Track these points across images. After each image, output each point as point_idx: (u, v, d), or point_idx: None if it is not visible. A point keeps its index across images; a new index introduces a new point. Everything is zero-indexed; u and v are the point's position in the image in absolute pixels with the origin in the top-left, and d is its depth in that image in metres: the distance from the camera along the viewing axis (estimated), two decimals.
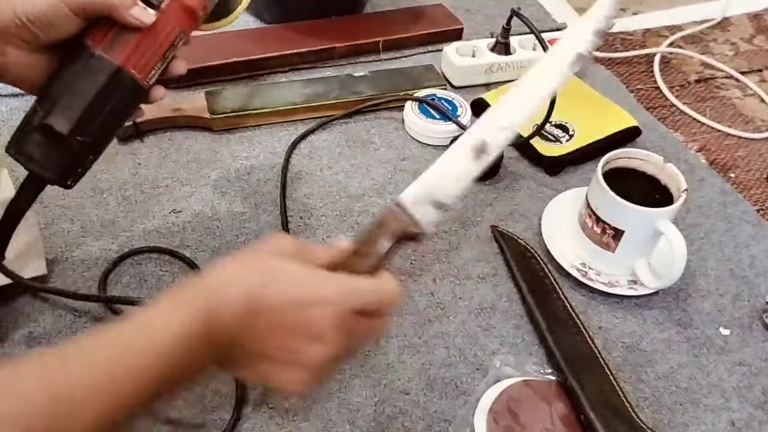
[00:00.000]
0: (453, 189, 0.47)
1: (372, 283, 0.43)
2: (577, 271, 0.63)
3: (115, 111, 0.49)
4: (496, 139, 0.48)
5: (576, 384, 0.53)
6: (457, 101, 0.79)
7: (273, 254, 0.42)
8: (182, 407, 0.52)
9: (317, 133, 0.77)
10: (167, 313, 0.38)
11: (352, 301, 0.41)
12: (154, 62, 0.49)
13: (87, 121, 0.47)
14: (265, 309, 0.39)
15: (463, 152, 0.48)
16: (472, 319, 0.60)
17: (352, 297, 0.41)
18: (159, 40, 0.49)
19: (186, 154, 0.73)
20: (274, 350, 0.40)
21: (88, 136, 0.48)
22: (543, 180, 0.74)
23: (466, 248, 0.66)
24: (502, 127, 0.48)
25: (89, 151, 0.50)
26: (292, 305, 0.39)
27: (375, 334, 0.45)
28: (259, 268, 0.40)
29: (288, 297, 0.39)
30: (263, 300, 0.39)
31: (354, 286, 0.42)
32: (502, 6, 1.00)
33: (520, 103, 0.49)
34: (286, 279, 0.40)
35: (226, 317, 0.38)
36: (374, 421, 0.52)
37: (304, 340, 0.40)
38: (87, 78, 0.47)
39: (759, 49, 0.98)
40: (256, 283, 0.39)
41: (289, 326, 0.39)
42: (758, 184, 0.76)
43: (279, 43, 0.86)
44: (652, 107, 0.86)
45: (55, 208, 0.65)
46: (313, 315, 0.40)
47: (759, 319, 0.62)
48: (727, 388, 0.57)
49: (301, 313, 0.39)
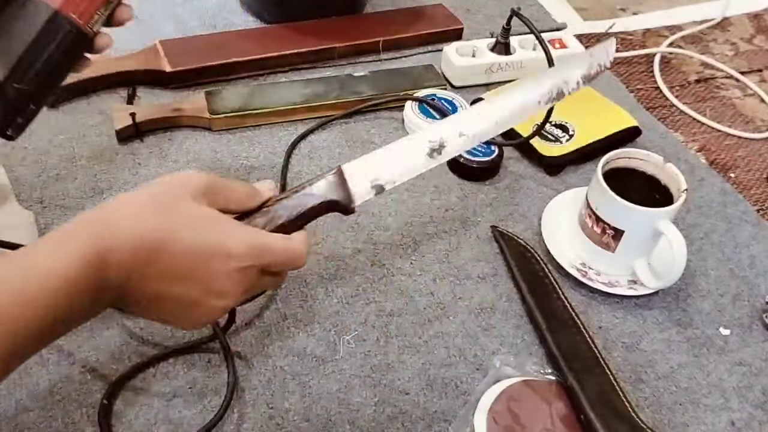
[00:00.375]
0: (397, 177, 0.47)
1: (282, 243, 0.42)
2: (577, 271, 0.63)
3: (55, 58, 0.48)
4: (454, 144, 0.48)
5: (576, 384, 0.53)
6: (457, 101, 0.79)
7: (179, 192, 0.39)
8: (182, 407, 0.52)
9: (317, 133, 0.77)
10: (53, 257, 0.35)
11: (257, 259, 0.40)
12: (96, 6, 0.48)
13: (24, 68, 0.46)
14: (163, 256, 0.37)
15: (420, 146, 0.48)
16: (472, 319, 0.60)
17: (259, 255, 0.40)
18: None
19: (186, 154, 0.73)
20: (171, 297, 0.39)
21: (26, 83, 0.47)
22: (543, 180, 0.74)
23: (466, 248, 0.66)
24: (464, 135, 0.48)
25: (29, 99, 0.48)
26: (193, 255, 0.38)
27: (275, 286, 0.46)
28: (161, 209, 0.38)
29: (189, 246, 0.38)
30: (161, 246, 0.37)
31: (262, 243, 0.41)
32: (502, 6, 1.00)
33: (490, 118, 0.49)
34: (189, 224, 0.38)
35: (117, 260, 0.36)
36: (374, 421, 0.52)
37: (203, 293, 0.39)
38: (22, 23, 0.46)
39: (759, 49, 0.98)
40: (154, 226, 0.37)
41: (189, 277, 0.38)
42: (758, 184, 0.76)
43: (279, 43, 0.85)
44: (652, 107, 0.86)
45: (55, 208, 0.65)
46: (216, 269, 0.38)
47: (759, 319, 0.62)
48: (727, 388, 0.57)
49: (203, 265, 0.38)
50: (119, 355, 0.55)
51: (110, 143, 0.73)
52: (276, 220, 0.44)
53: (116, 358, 0.54)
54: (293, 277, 0.61)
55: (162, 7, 0.94)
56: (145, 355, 0.55)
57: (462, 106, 0.78)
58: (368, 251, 0.65)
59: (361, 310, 0.60)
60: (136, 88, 0.80)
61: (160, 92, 0.80)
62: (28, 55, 0.46)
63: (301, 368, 0.55)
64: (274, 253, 0.41)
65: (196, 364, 0.55)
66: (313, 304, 0.60)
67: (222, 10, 0.94)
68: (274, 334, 0.57)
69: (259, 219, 0.44)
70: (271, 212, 0.44)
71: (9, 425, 0.50)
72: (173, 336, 0.56)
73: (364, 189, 0.47)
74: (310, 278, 0.62)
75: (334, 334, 0.58)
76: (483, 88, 0.84)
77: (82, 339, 0.55)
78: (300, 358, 0.56)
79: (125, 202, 0.38)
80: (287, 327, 0.58)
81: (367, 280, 0.62)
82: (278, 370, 0.55)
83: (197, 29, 0.90)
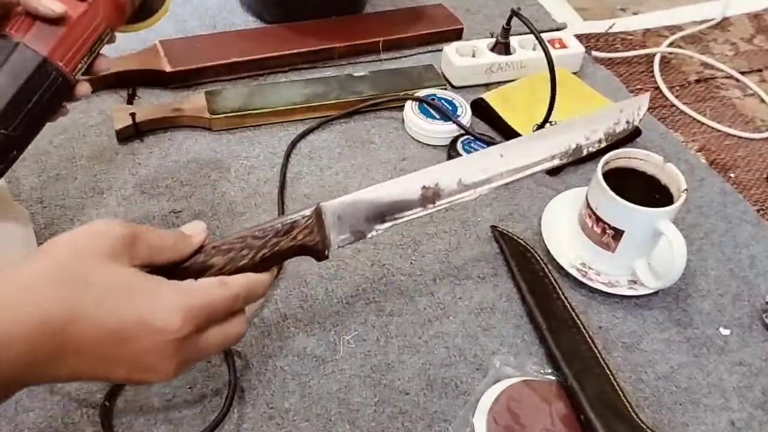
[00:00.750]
0: (383, 225, 0.43)
1: (219, 292, 0.37)
2: (577, 271, 0.63)
3: (41, 105, 0.47)
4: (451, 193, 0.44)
5: (576, 384, 0.53)
6: (457, 101, 0.79)
7: (88, 254, 0.33)
8: (182, 407, 0.52)
9: (317, 133, 0.77)
10: None
11: (193, 323, 0.34)
12: (81, 55, 0.48)
13: (11, 114, 0.46)
14: (72, 342, 0.31)
15: (412, 190, 0.44)
16: (472, 319, 0.60)
17: (194, 317, 0.34)
18: (86, 33, 0.48)
19: (186, 154, 0.73)
20: (92, 377, 0.34)
21: (12, 129, 0.46)
22: (543, 180, 0.74)
23: (466, 248, 0.66)
24: (463, 184, 0.44)
25: (13, 145, 0.48)
26: (112, 336, 0.32)
27: (236, 336, 0.39)
28: (66, 280, 0.31)
29: (106, 326, 0.32)
30: (69, 330, 0.31)
31: (196, 304, 0.35)
32: (502, 6, 1.00)
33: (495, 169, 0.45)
34: (103, 297, 0.32)
35: (10, 353, 0.29)
36: (374, 421, 0.52)
37: (131, 372, 0.34)
38: (11, 69, 0.45)
39: (759, 49, 0.98)
40: (57, 304, 0.31)
41: (110, 360, 0.33)
42: (758, 184, 0.76)
43: (279, 43, 0.86)
44: (652, 107, 0.86)
45: (55, 208, 0.65)
46: (143, 348, 0.33)
47: (759, 319, 0.62)
48: (727, 388, 0.57)
49: (127, 345, 0.32)
50: None
51: (110, 143, 0.73)
52: (236, 261, 0.40)
53: None
54: (293, 277, 0.61)
55: None
56: None
57: (462, 106, 0.78)
58: (368, 251, 0.65)
59: (361, 310, 0.60)
60: (136, 88, 0.80)
61: (160, 92, 0.80)
62: (15, 102, 0.46)
63: (301, 368, 0.55)
64: (214, 303, 0.36)
65: (196, 364, 0.55)
66: (313, 304, 0.60)
67: (222, 10, 0.95)
68: (274, 334, 0.57)
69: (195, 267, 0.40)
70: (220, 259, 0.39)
71: (9, 425, 0.50)
72: None
73: (344, 235, 0.43)
74: (310, 278, 0.62)
75: (334, 334, 0.58)
76: (483, 88, 0.84)
77: None
78: (300, 358, 0.56)
79: (19, 274, 0.31)
80: (287, 327, 0.58)
81: (367, 280, 0.62)
82: (278, 370, 0.55)
83: (197, 29, 0.90)
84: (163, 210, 0.67)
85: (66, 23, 0.46)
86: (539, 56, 0.75)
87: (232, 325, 0.39)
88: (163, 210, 0.66)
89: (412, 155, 0.75)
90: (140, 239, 0.36)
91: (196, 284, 0.37)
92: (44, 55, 0.46)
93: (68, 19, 0.46)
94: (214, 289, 0.37)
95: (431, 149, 0.76)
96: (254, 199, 0.69)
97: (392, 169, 0.73)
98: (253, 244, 0.41)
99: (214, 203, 0.68)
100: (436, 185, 0.44)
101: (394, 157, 0.75)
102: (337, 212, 0.42)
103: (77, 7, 0.46)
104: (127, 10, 0.51)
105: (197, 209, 0.67)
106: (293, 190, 0.70)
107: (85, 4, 0.47)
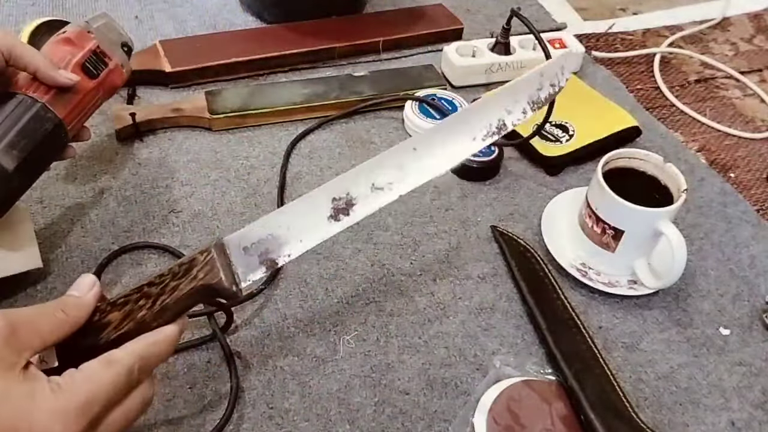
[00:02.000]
0: (294, 248, 0.39)
1: (110, 371, 0.34)
2: (577, 271, 0.63)
3: (48, 158, 0.55)
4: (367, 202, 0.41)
5: (576, 384, 0.53)
6: (457, 101, 0.79)
7: None
8: (182, 407, 0.52)
9: (317, 133, 0.77)
10: None
11: (75, 424, 0.32)
12: (82, 122, 0.57)
13: (29, 162, 0.51)
14: None
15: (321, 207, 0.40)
16: (472, 319, 0.60)
17: (75, 420, 0.32)
18: (90, 104, 0.57)
19: (186, 154, 0.73)
20: None
21: (27, 176, 0.53)
22: (543, 180, 0.74)
23: (466, 248, 0.66)
24: (378, 189, 0.41)
25: (22, 189, 0.54)
26: None
27: (139, 410, 0.36)
28: None
29: None
30: None
31: (74, 403, 0.32)
32: (502, 6, 1.00)
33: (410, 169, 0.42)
34: None
35: None
36: (374, 421, 0.52)
37: None
38: (35, 123, 0.52)
39: (759, 49, 0.98)
40: None
41: None
42: (758, 184, 0.76)
43: (279, 43, 0.86)
44: (652, 107, 0.86)
45: (55, 208, 0.65)
46: None
47: (759, 319, 0.62)
48: (727, 388, 0.57)
49: None
50: None
51: (110, 143, 0.73)
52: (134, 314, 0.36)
53: None
54: (293, 277, 0.62)
55: (162, 7, 0.94)
56: None
57: (462, 106, 0.78)
58: (368, 251, 0.65)
59: (361, 310, 0.60)
60: (136, 88, 0.80)
61: (160, 92, 0.80)
62: (34, 153, 0.52)
63: (301, 368, 0.55)
64: (99, 396, 0.33)
65: (196, 365, 0.55)
66: (313, 304, 0.60)
67: (222, 10, 0.95)
68: (274, 334, 0.57)
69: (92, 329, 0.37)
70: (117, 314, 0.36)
71: None
72: None
73: (253, 267, 0.39)
74: (310, 278, 0.62)
75: (334, 334, 0.58)
76: (483, 88, 0.84)
77: None
78: (300, 358, 0.56)
79: None
80: (287, 327, 0.58)
81: (367, 280, 0.62)
82: (278, 370, 0.55)
83: (197, 29, 0.90)
84: (163, 210, 0.67)
85: (78, 92, 0.55)
86: (539, 56, 0.75)
87: (134, 399, 0.36)
88: (163, 210, 0.67)
89: None
90: (21, 328, 0.33)
91: (78, 375, 0.34)
92: (60, 117, 0.53)
93: (80, 89, 0.55)
94: (99, 374, 0.34)
95: None
96: (254, 199, 0.69)
97: None
98: (150, 292, 0.37)
99: (214, 203, 0.68)
100: (347, 194, 0.41)
101: None
102: (241, 244, 0.39)
103: (88, 81, 0.56)
104: (118, 89, 0.61)
105: (197, 209, 0.67)
106: (293, 190, 0.70)
107: (95, 81, 0.57)
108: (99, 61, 0.57)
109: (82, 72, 0.55)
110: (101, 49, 0.58)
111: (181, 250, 0.62)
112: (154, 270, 0.61)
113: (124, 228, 0.64)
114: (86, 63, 0.56)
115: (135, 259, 0.62)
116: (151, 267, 0.61)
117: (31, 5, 0.93)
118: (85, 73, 0.56)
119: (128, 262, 0.62)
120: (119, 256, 0.62)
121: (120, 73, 0.60)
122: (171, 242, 0.63)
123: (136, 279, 0.60)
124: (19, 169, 0.50)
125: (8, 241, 0.56)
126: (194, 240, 0.64)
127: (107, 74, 0.58)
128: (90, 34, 0.57)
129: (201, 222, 0.66)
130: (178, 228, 0.65)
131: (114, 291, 0.59)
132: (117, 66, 0.59)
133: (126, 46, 0.61)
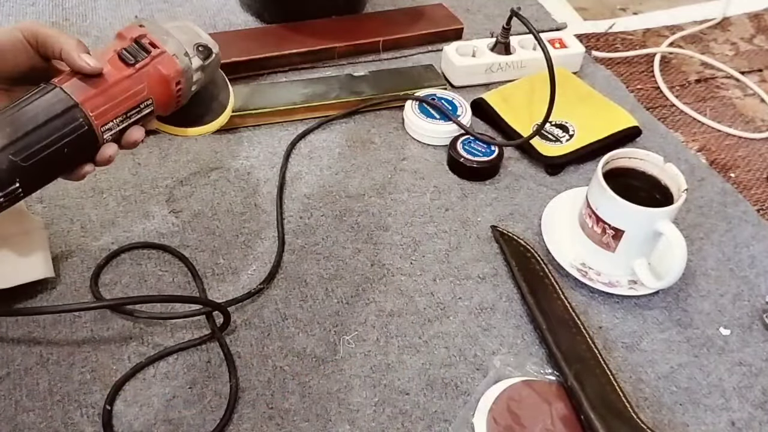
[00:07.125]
0: None
1: None
2: (577, 271, 0.63)
3: (60, 147, 0.48)
4: None
5: (576, 384, 0.53)
6: (457, 101, 0.79)
7: None
8: (182, 407, 0.52)
9: (317, 132, 0.77)
10: None
11: None
12: (115, 114, 0.51)
13: (26, 143, 0.47)
14: None
15: None
16: (472, 319, 0.60)
17: None
18: (125, 95, 0.51)
19: (186, 154, 0.73)
20: None
21: (23, 159, 0.47)
22: (543, 180, 0.74)
23: (466, 248, 0.66)
24: None
25: (17, 174, 0.47)
26: None
27: None
28: None
29: None
30: None
31: None
32: (502, 6, 1.00)
33: None
34: None
35: None
36: (374, 421, 0.52)
37: None
38: (41, 104, 0.48)
39: (759, 49, 0.98)
40: None
41: None
42: (758, 184, 0.76)
43: (279, 43, 0.86)
44: (652, 107, 0.86)
45: (55, 208, 0.65)
46: None
47: (759, 319, 0.62)
48: (727, 388, 0.57)
49: None
50: (119, 355, 0.55)
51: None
52: None
53: (116, 358, 0.54)
54: (293, 277, 0.61)
55: (162, 7, 0.94)
56: (145, 355, 0.55)
57: (462, 106, 0.78)
58: (368, 251, 0.65)
59: (361, 310, 0.60)
60: None
61: None
62: (34, 134, 0.47)
63: (301, 368, 0.55)
64: None
65: (196, 365, 0.55)
66: (313, 304, 0.60)
67: (222, 9, 0.95)
68: (274, 334, 0.57)
69: None
70: None
71: (9, 425, 0.50)
72: (173, 336, 0.56)
73: None
74: (310, 278, 0.62)
75: (334, 334, 0.58)
76: (483, 88, 0.84)
77: (82, 339, 0.55)
78: (300, 358, 0.56)
79: None
80: (287, 327, 0.58)
81: (367, 280, 0.62)
82: (278, 370, 0.55)
83: None
84: (163, 210, 0.67)
85: (106, 80, 0.50)
86: (539, 56, 0.75)
87: None
88: (162, 210, 0.67)
89: (412, 155, 0.75)
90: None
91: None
92: (76, 101, 0.48)
93: (110, 77, 0.50)
94: None
95: (431, 149, 0.76)
96: (254, 199, 0.69)
97: (392, 169, 0.73)
98: None
99: (214, 203, 0.68)
100: None
101: (394, 157, 0.75)
102: None
103: (123, 69, 0.50)
104: (172, 90, 0.54)
105: (197, 209, 0.67)
106: (293, 190, 0.70)
107: (132, 68, 0.51)
108: (140, 50, 0.52)
109: (119, 60, 0.51)
110: (149, 39, 0.53)
111: (181, 250, 0.62)
112: (154, 270, 0.61)
113: (124, 228, 0.64)
114: (125, 50, 0.51)
115: (135, 259, 0.62)
116: (151, 267, 0.61)
117: (31, 5, 0.93)
118: (122, 61, 0.51)
119: (128, 262, 0.62)
120: (119, 255, 0.62)
121: (170, 62, 0.53)
122: (171, 242, 0.63)
123: (136, 279, 0.60)
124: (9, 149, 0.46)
125: (23, 250, 0.56)
126: (194, 240, 0.64)
127: (148, 61, 0.52)
128: (141, 27, 0.53)
129: (201, 222, 0.66)
130: (178, 228, 0.65)
131: (114, 291, 0.59)
132: (164, 54, 0.53)
133: (202, 46, 0.56)
